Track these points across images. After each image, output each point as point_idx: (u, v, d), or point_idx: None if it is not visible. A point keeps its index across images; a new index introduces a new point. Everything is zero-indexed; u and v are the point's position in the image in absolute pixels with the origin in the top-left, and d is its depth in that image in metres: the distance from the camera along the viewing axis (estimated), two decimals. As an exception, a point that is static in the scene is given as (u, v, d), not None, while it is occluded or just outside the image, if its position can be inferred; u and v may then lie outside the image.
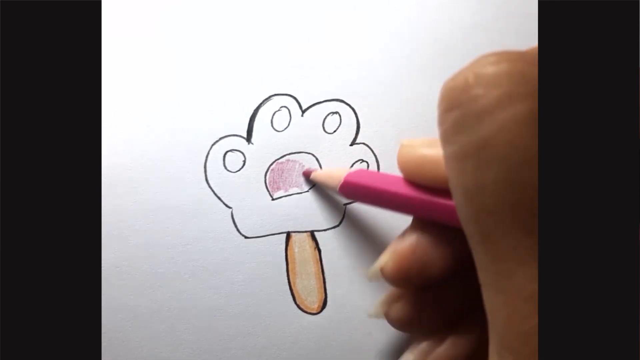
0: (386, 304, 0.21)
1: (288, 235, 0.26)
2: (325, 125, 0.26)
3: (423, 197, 0.18)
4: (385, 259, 0.20)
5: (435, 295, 0.20)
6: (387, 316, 0.21)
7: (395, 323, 0.21)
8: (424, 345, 0.21)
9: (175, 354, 0.25)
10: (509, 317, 0.13)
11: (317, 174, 0.25)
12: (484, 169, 0.13)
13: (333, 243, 0.26)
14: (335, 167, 0.25)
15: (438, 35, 0.27)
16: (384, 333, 0.25)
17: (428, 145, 0.18)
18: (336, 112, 0.26)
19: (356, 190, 0.21)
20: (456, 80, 0.14)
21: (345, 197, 0.23)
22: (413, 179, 0.19)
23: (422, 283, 0.19)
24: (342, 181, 0.22)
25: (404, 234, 0.20)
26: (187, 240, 0.25)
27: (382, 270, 0.20)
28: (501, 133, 0.12)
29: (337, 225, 0.26)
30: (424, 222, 0.19)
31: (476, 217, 0.13)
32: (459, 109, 0.13)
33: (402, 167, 0.19)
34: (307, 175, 0.26)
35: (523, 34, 0.27)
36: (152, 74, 0.26)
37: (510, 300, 0.13)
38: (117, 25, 0.26)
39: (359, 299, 0.26)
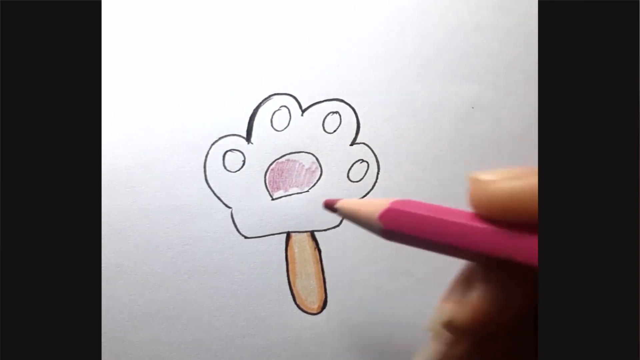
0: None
1: (288, 235, 0.26)
2: (325, 125, 0.26)
3: (502, 232, 0.14)
4: (454, 309, 0.17)
5: (487, 346, 0.17)
6: None
7: None
8: None
9: (175, 354, 0.25)
10: None
11: (345, 202, 0.19)
12: None
13: (333, 243, 0.26)
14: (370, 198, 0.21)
15: (438, 35, 0.27)
16: (384, 333, 0.25)
17: (514, 177, 0.14)
18: (336, 112, 0.26)
19: (404, 219, 0.16)
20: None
21: (383, 232, 0.17)
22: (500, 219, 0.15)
23: (483, 334, 0.17)
24: (386, 207, 0.16)
25: (468, 278, 0.17)
26: (187, 240, 0.25)
27: (451, 322, 0.16)
28: None
29: (337, 225, 0.26)
30: (491, 265, 0.16)
31: None
32: None
33: (486, 206, 0.15)
34: (330, 205, 0.19)
35: (523, 34, 0.27)
36: (152, 74, 0.26)
37: None
38: (117, 25, 0.26)
39: (359, 299, 0.26)
